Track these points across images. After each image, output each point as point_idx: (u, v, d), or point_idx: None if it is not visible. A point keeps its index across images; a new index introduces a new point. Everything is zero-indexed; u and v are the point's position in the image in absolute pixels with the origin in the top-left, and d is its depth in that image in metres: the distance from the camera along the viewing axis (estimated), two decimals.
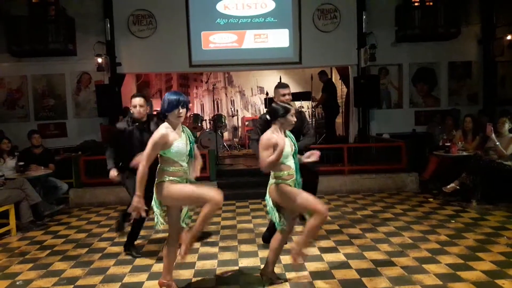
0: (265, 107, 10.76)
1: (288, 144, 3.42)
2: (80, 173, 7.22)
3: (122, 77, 9.16)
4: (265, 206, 4.33)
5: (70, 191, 7.07)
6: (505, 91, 9.43)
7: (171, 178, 3.19)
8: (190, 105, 12.19)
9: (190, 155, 3.30)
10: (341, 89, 10.62)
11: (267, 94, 10.94)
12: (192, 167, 3.38)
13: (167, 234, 5.21)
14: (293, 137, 3.55)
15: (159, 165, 3.25)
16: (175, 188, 3.20)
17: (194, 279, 3.85)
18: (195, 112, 11.90)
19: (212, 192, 3.20)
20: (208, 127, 10.71)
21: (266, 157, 3.32)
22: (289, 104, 3.63)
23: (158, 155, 3.21)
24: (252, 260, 4.28)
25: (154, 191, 3.26)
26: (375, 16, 9.06)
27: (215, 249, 4.64)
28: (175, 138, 3.17)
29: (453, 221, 5.37)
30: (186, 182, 3.28)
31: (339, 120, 10.48)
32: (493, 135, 6.06)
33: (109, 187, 7.20)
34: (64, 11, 8.91)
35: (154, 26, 8.96)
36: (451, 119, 7.92)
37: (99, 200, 7.14)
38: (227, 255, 4.44)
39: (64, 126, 9.26)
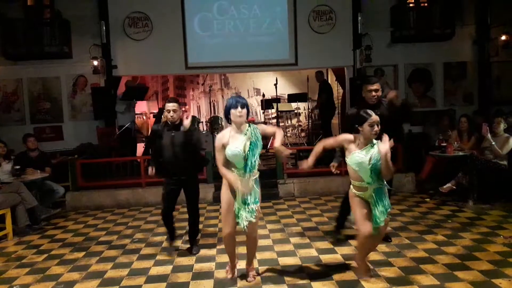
0: (262, 109, 10.78)
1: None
2: (76, 176, 7.19)
3: (118, 80, 9.13)
4: (262, 207, 4.32)
5: (67, 194, 7.04)
6: (500, 91, 9.49)
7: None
8: (187, 107, 12.33)
9: (249, 158, 3.40)
10: (337, 90, 10.64)
11: (263, 95, 10.94)
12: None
13: (165, 237, 5.24)
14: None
15: None
16: (222, 191, 3.56)
17: (192, 282, 3.85)
18: (192, 114, 11.88)
19: (224, 223, 3.60)
20: (205, 129, 10.69)
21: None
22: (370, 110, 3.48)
23: None
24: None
25: None
26: (370, 17, 9.09)
27: (212, 252, 4.63)
28: (229, 142, 3.41)
29: (450, 221, 5.39)
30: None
31: (335, 121, 10.50)
32: (489, 135, 6.09)
33: (106, 190, 7.20)
34: (59, 14, 8.89)
35: (150, 29, 8.95)
36: (447, 119, 7.95)
37: (96, 203, 7.11)
38: (225, 258, 4.41)
39: (60, 129, 9.22)
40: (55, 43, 8.75)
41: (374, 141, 3.42)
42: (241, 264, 4.21)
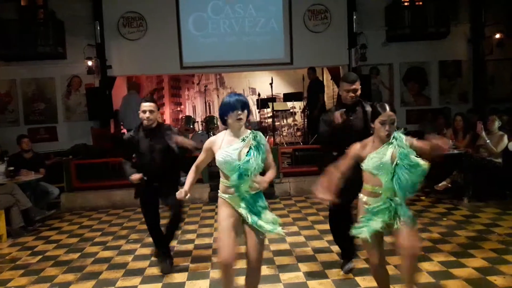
0: (257, 108, 10.76)
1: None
2: (71, 177, 7.16)
3: (113, 80, 9.10)
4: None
5: (62, 195, 7.01)
6: (495, 90, 9.54)
7: (221, 194, 2.87)
8: (182, 107, 12.30)
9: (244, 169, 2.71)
10: (332, 89, 10.65)
11: (259, 95, 10.91)
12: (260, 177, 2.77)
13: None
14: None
15: None
16: (219, 211, 2.88)
17: (188, 282, 3.83)
18: (187, 114, 11.86)
19: (221, 248, 2.78)
20: (201, 128, 10.67)
21: None
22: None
23: None
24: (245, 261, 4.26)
25: None
26: (365, 16, 9.10)
27: (208, 252, 4.62)
28: (222, 146, 2.79)
29: (445, 219, 5.40)
30: (241, 200, 2.79)
31: None
32: (484, 133, 6.12)
33: (100, 191, 7.18)
34: (53, 14, 8.84)
35: (144, 29, 8.93)
36: (442, 117, 7.97)
37: (90, 204, 7.08)
38: None
39: (54, 130, 9.18)
40: (49, 44, 8.70)
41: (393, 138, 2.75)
42: (237, 265, 4.20)
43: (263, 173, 2.84)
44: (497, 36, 9.16)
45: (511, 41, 9.22)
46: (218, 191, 2.90)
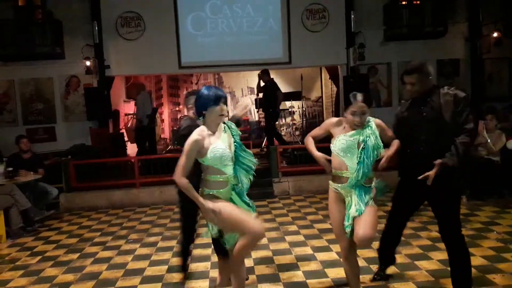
0: (256, 108, 10.78)
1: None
2: (70, 177, 7.15)
3: (111, 80, 9.09)
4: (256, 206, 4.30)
5: (61, 196, 7.00)
6: (492, 88, 9.56)
7: (212, 190, 2.77)
8: (181, 106, 12.30)
9: (237, 158, 2.80)
10: (331, 89, 10.66)
11: (257, 94, 10.93)
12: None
13: (160, 237, 5.23)
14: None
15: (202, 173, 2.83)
16: (219, 203, 2.74)
17: (187, 282, 3.84)
18: (185, 114, 11.84)
19: (252, 222, 2.74)
20: None
21: None
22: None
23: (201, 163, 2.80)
24: (246, 261, 4.26)
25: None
26: (363, 15, 9.12)
27: (208, 251, 4.62)
28: (211, 142, 2.71)
29: None
30: (232, 191, 2.82)
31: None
32: (484, 132, 6.15)
33: (99, 191, 7.18)
34: (51, 14, 8.83)
35: (142, 28, 8.92)
36: None
37: (90, 204, 7.08)
38: None
39: (53, 130, 9.16)
40: (47, 44, 8.68)
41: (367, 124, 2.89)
42: None
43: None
44: (495, 34, 9.18)
45: (509, 39, 9.25)
46: (205, 189, 2.78)
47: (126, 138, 9.64)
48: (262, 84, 8.99)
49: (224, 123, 2.84)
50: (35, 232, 5.80)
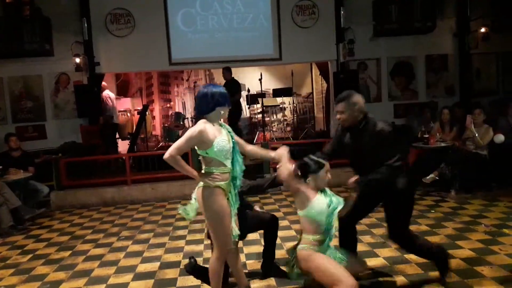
0: (247, 104, 10.79)
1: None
2: (61, 175, 7.12)
3: (101, 77, 9.03)
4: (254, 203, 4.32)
5: (51, 193, 6.97)
6: (480, 83, 9.68)
7: (216, 182, 2.86)
8: (172, 103, 12.27)
9: (234, 153, 2.95)
10: (321, 85, 10.70)
11: (248, 91, 10.96)
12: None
13: (152, 234, 5.24)
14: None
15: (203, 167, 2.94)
16: (216, 199, 2.87)
17: (180, 278, 3.85)
18: (177, 110, 11.82)
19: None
20: (190, 125, 10.66)
21: None
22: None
23: (201, 156, 2.93)
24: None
25: (196, 194, 2.96)
26: (352, 11, 9.14)
27: (200, 247, 4.65)
28: (216, 135, 2.84)
29: (433, 211, 5.50)
30: (232, 183, 2.98)
31: (319, 115, 10.55)
32: (472, 126, 6.23)
33: (91, 189, 7.15)
34: (39, 10, 8.71)
35: (132, 25, 8.86)
36: (429, 111, 8.07)
37: (81, 202, 7.05)
38: None
39: (43, 128, 9.08)
40: (36, 41, 8.56)
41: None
42: None
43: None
44: (482, 30, 9.27)
45: (496, 35, 9.34)
46: (208, 181, 2.86)
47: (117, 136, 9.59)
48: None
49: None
50: (25, 230, 5.77)
